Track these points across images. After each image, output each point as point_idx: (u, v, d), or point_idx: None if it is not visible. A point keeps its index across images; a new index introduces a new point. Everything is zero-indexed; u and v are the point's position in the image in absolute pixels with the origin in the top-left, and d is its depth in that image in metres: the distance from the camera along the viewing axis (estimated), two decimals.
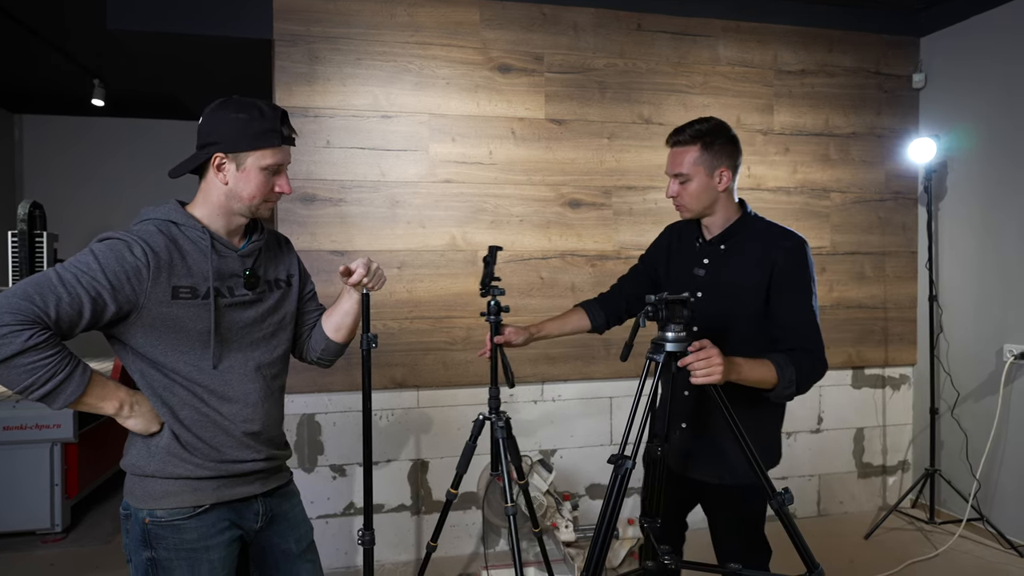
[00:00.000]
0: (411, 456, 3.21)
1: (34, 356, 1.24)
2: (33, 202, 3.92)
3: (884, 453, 3.85)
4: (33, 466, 3.37)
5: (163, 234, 1.38)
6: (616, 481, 1.54)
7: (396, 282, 3.14)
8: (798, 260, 1.75)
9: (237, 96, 1.45)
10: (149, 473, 1.39)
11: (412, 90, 3.15)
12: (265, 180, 1.43)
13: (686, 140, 1.77)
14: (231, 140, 1.39)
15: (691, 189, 1.77)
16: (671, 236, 2.04)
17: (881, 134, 3.78)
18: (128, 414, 1.37)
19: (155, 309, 1.35)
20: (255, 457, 1.48)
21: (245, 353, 1.47)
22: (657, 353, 1.57)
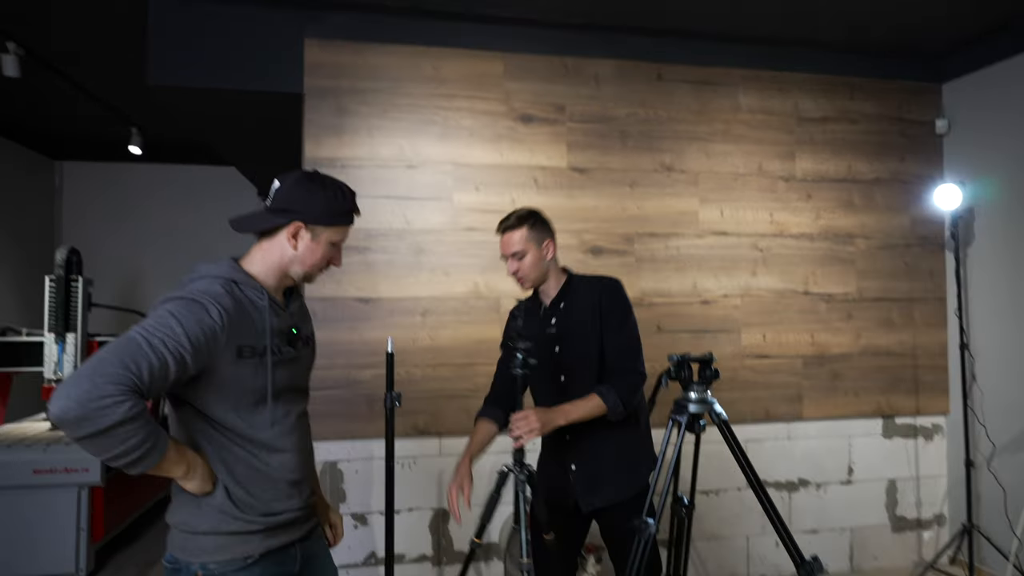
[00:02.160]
0: (432, 505, 3.19)
1: (130, 426, 1.25)
2: (71, 248, 4.04)
3: (919, 506, 3.73)
4: (60, 510, 3.41)
5: (230, 294, 1.43)
6: (640, 545, 1.52)
7: (420, 329, 3.17)
8: (615, 296, 2.10)
9: (317, 173, 1.55)
10: (202, 530, 1.44)
11: (437, 140, 3.22)
12: (328, 252, 1.54)
13: (514, 224, 2.07)
14: (314, 214, 1.48)
15: (527, 262, 2.07)
16: (517, 314, 2.19)
17: (905, 180, 3.76)
18: (191, 476, 1.41)
19: (223, 368, 1.40)
20: (296, 506, 1.55)
21: (288, 406, 1.54)
22: (680, 414, 1.56)
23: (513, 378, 2.12)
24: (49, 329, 3.75)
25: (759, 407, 3.52)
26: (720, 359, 3.42)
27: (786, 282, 3.59)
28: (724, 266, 3.51)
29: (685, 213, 3.48)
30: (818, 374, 3.60)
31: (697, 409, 1.49)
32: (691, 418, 1.49)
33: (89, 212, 5.88)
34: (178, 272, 5.42)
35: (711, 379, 1.51)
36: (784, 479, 3.57)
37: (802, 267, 3.61)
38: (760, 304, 3.55)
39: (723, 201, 3.52)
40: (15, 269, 5.22)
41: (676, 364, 1.48)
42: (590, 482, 2.08)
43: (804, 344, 3.59)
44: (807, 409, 3.58)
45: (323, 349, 3.14)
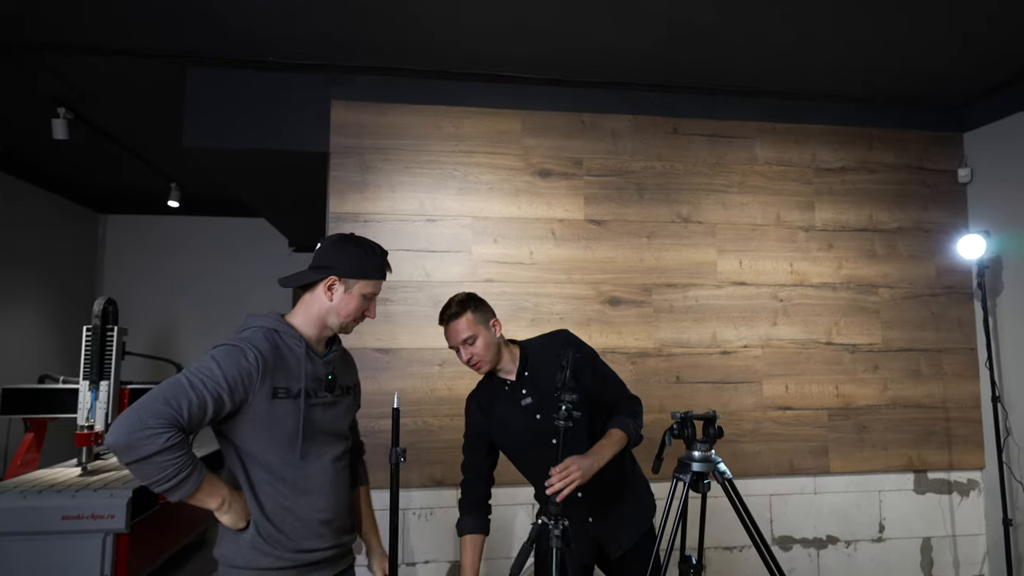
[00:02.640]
0: (449, 557, 3.16)
1: (169, 456, 1.45)
2: (108, 299, 4.20)
3: (956, 567, 3.57)
4: (86, 555, 3.46)
5: (268, 341, 1.61)
6: None
7: (437, 379, 3.20)
8: (578, 343, 2.13)
9: (352, 235, 1.78)
10: (238, 565, 1.60)
11: (456, 195, 3.32)
12: (361, 304, 1.71)
13: (458, 311, 2.06)
14: (347, 268, 1.68)
15: (479, 346, 2.05)
16: (478, 402, 2.21)
17: (929, 229, 3.72)
18: (226, 510, 1.58)
19: (259, 406, 1.57)
20: (325, 545, 1.66)
21: (321, 448, 1.67)
22: (684, 473, 1.56)
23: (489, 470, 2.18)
24: (84, 377, 3.88)
25: (783, 460, 3.44)
26: (741, 410, 3.41)
27: (808, 332, 3.55)
28: (744, 316, 3.50)
29: (703, 264, 3.49)
30: (844, 426, 3.52)
31: (701, 468, 1.48)
32: (695, 477, 1.48)
33: (129, 262, 6.13)
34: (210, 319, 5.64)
35: (715, 437, 1.50)
36: (811, 535, 3.46)
37: (825, 317, 3.57)
38: (782, 355, 3.51)
39: (741, 251, 3.53)
40: (58, 317, 5.44)
41: (679, 422, 1.48)
42: (611, 530, 2.08)
43: (829, 395, 3.53)
44: (834, 462, 3.49)
45: None
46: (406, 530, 3.14)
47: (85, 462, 4.01)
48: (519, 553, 2.07)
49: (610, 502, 2.10)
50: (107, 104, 3.65)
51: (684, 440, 1.53)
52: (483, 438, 2.17)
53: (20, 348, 4.98)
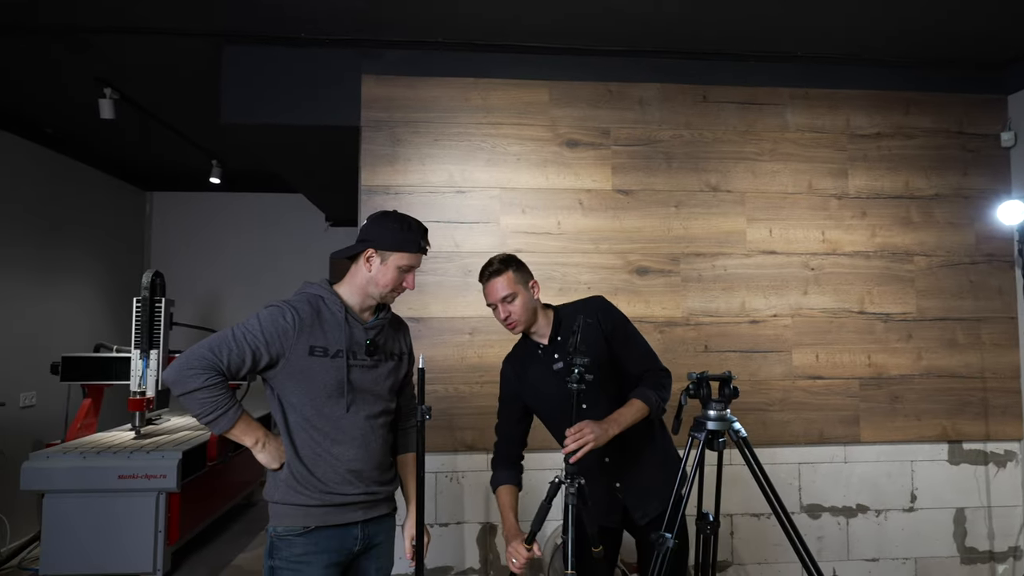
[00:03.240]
0: (480, 519, 3.28)
1: (207, 393, 1.70)
2: (155, 271, 4.40)
3: (991, 537, 3.53)
4: (140, 513, 3.69)
5: (311, 304, 1.80)
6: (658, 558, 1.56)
7: (468, 348, 3.29)
8: (610, 312, 2.15)
9: (394, 211, 1.90)
10: (276, 500, 1.79)
11: (484, 166, 3.36)
12: (398, 275, 1.84)
13: (500, 268, 2.10)
14: (383, 241, 1.81)
15: (518, 305, 2.09)
16: (512, 365, 2.26)
17: (968, 195, 3.63)
18: (261, 449, 1.79)
19: (296, 361, 1.75)
20: (356, 491, 1.81)
21: (358, 405, 1.82)
22: (699, 431, 1.60)
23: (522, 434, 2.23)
24: (135, 346, 4.09)
25: (813, 429, 3.44)
26: (770, 379, 3.42)
27: (840, 301, 3.52)
28: (774, 285, 3.48)
29: (732, 233, 3.48)
30: (876, 396, 3.49)
31: (716, 427, 1.52)
32: (710, 435, 1.52)
33: (175, 237, 6.36)
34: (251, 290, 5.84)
35: (730, 397, 1.54)
36: (841, 504, 3.46)
37: (857, 286, 3.53)
38: (812, 324, 3.49)
39: (772, 220, 3.50)
40: (109, 291, 5.70)
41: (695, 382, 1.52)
42: (639, 496, 2.12)
43: (860, 365, 3.50)
44: (865, 432, 3.47)
45: None
46: (439, 492, 3.25)
47: (138, 426, 4.24)
48: (538, 511, 2.15)
49: (639, 470, 2.12)
50: (150, 84, 3.79)
51: (700, 400, 1.57)
52: (517, 401, 2.22)
53: (76, 319, 5.25)
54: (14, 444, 4.31)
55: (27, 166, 4.71)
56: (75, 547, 3.63)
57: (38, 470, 3.64)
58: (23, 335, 4.59)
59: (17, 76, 3.71)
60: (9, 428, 4.35)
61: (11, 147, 4.53)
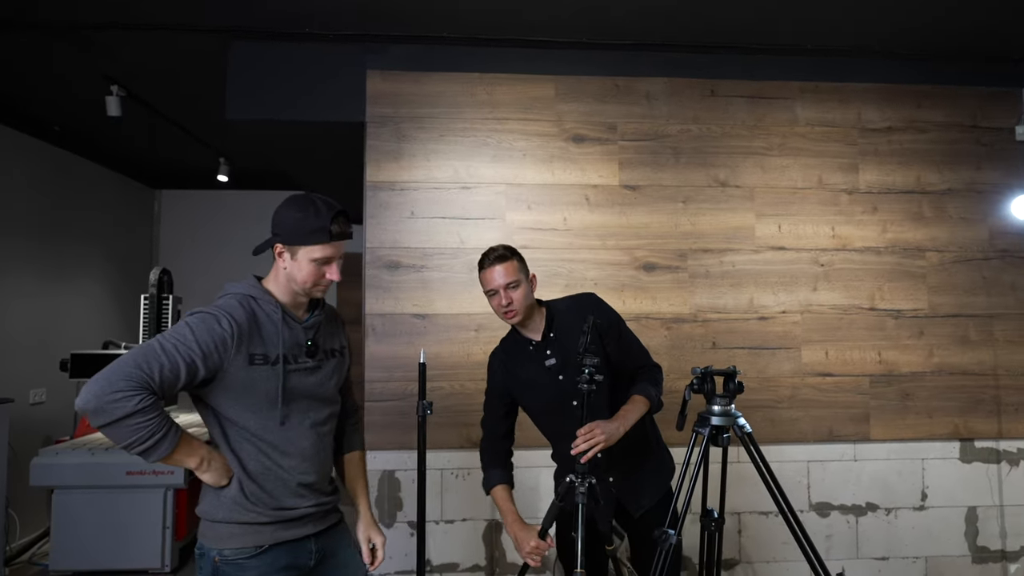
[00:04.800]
0: (486, 516, 3.26)
1: (141, 418, 1.44)
2: (163, 269, 4.42)
3: (1003, 536, 3.48)
4: (148, 509, 3.71)
5: (244, 307, 1.60)
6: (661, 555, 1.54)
7: (473, 344, 3.27)
8: (602, 309, 2.14)
9: (305, 194, 1.66)
10: (219, 519, 1.60)
11: (490, 162, 3.34)
12: (315, 269, 1.62)
13: (504, 255, 2.08)
14: (287, 234, 1.62)
15: (519, 293, 2.06)
16: (501, 360, 2.24)
17: (982, 189, 3.57)
18: (205, 469, 1.58)
19: (235, 373, 1.56)
20: (307, 504, 1.66)
21: (304, 413, 1.66)
22: (703, 426, 1.58)
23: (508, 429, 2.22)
24: (142, 342, 4.11)
25: (822, 426, 3.41)
26: (779, 376, 3.38)
27: (850, 298, 3.48)
28: (783, 282, 3.44)
29: (740, 228, 3.45)
30: (886, 393, 3.45)
31: (720, 422, 1.50)
32: (714, 431, 1.50)
33: (183, 235, 6.39)
34: None
35: (735, 392, 1.52)
36: (850, 502, 3.43)
37: (868, 282, 3.49)
38: (822, 320, 3.45)
39: (781, 216, 3.46)
40: (117, 288, 5.73)
41: (699, 377, 1.50)
42: (632, 490, 2.13)
43: (871, 362, 3.46)
44: (875, 429, 3.43)
45: (381, 363, 3.30)
46: (445, 490, 3.24)
47: None
48: (549, 509, 2.14)
49: (631, 464, 2.14)
50: (156, 81, 3.79)
51: (704, 395, 1.55)
52: (504, 396, 2.22)
53: (85, 316, 5.28)
54: (24, 441, 4.34)
55: (35, 163, 4.73)
56: (84, 543, 3.65)
57: (47, 466, 3.66)
58: (32, 332, 4.62)
59: (22, 73, 3.73)
60: (18, 425, 4.38)
61: (19, 144, 4.55)
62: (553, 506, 2.09)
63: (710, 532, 1.67)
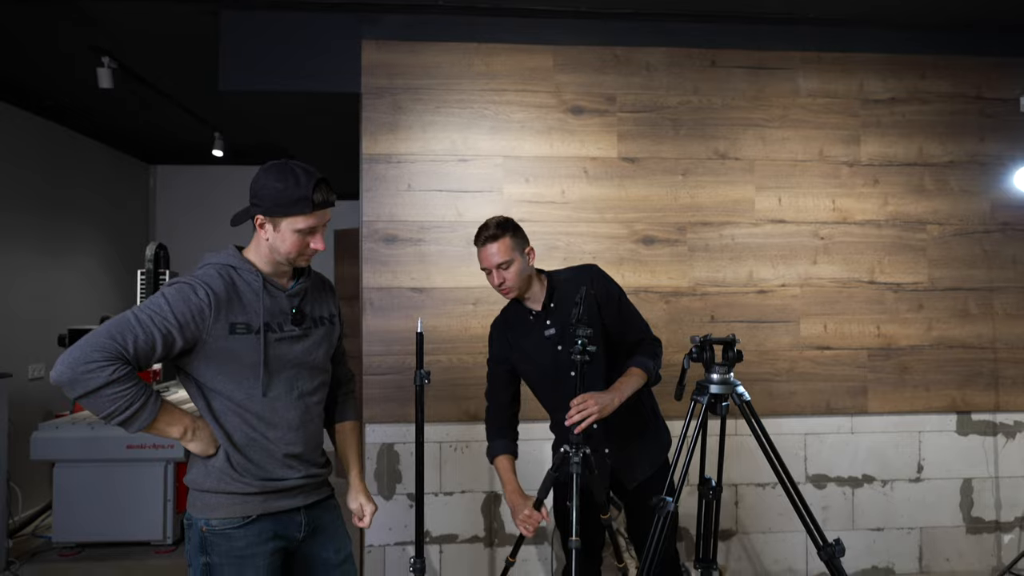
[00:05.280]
0: (485, 488, 3.28)
1: (116, 388, 1.43)
2: (159, 244, 4.39)
3: (998, 508, 3.51)
4: (149, 483, 3.72)
5: (222, 277, 1.57)
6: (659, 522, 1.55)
7: (471, 318, 3.26)
8: (604, 281, 2.14)
9: (284, 162, 1.60)
10: (206, 488, 1.58)
11: (488, 134, 3.30)
12: (299, 240, 1.58)
13: (496, 234, 2.04)
14: (268, 206, 1.56)
15: (512, 271, 2.05)
16: (502, 330, 2.26)
17: (984, 161, 3.54)
18: (191, 438, 1.56)
19: (215, 343, 1.54)
20: (297, 476, 1.64)
21: (290, 382, 1.63)
22: (702, 395, 1.58)
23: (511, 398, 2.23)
24: None
25: (820, 400, 3.42)
26: (777, 350, 3.38)
27: (850, 271, 3.46)
28: (782, 255, 3.43)
29: (740, 201, 3.42)
30: (884, 366, 3.45)
31: (719, 390, 1.50)
32: (712, 399, 1.50)
33: (178, 211, 6.34)
34: None
35: (734, 361, 1.51)
36: (847, 474, 3.45)
37: (868, 255, 3.47)
38: (821, 294, 3.44)
39: (781, 188, 3.43)
40: (113, 263, 5.71)
41: (698, 346, 1.49)
42: (628, 461, 2.14)
43: (869, 335, 3.45)
44: (872, 403, 3.44)
45: (379, 336, 3.30)
46: (444, 462, 3.26)
47: None
48: (544, 480, 2.15)
49: (627, 435, 2.14)
50: (148, 53, 3.73)
51: (703, 363, 1.54)
52: (505, 365, 2.23)
53: (82, 292, 5.26)
54: (23, 415, 4.35)
55: (29, 138, 4.68)
56: (86, 516, 3.68)
57: (48, 440, 3.67)
58: (29, 307, 4.61)
59: (13, 44, 3.67)
60: (17, 399, 4.38)
61: (11, 118, 4.50)
62: (548, 476, 2.10)
63: (708, 500, 1.68)
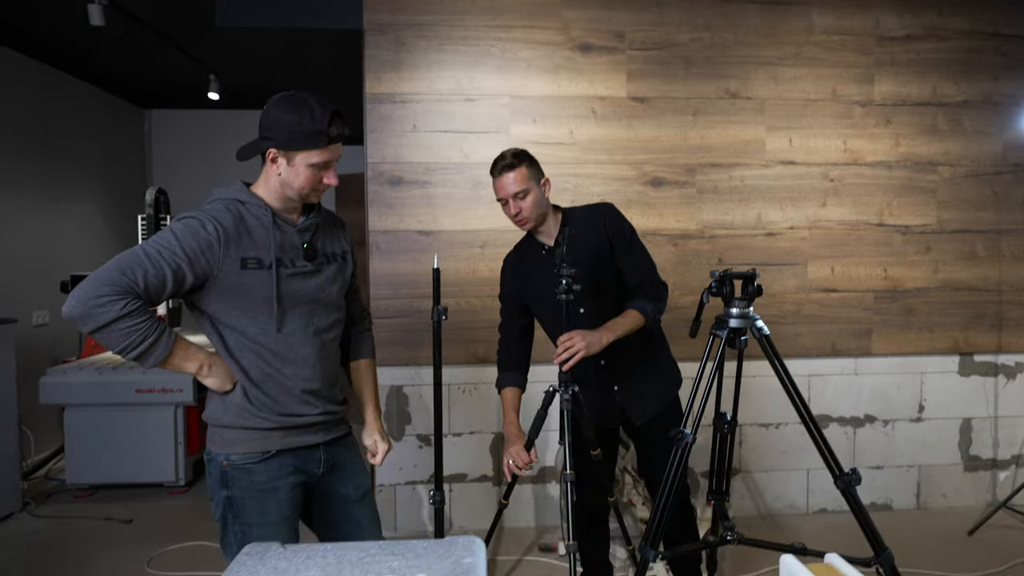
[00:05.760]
0: (493, 429, 3.33)
1: (129, 322, 1.42)
2: (159, 188, 4.34)
3: (995, 446, 3.58)
4: (160, 426, 3.77)
5: (231, 212, 1.54)
6: (677, 453, 1.57)
7: (479, 261, 3.25)
8: (618, 218, 2.15)
9: (295, 93, 1.55)
10: (225, 424, 1.58)
11: (494, 73, 3.22)
12: (313, 175, 1.54)
13: (513, 163, 2.03)
14: (282, 139, 1.51)
15: (529, 201, 2.04)
16: (514, 265, 2.26)
17: (998, 101, 3.48)
18: (207, 373, 1.56)
19: (226, 278, 1.51)
20: (313, 412, 1.64)
21: (305, 319, 1.62)
22: (721, 329, 1.58)
23: (523, 331, 2.24)
24: None
25: (825, 341, 3.44)
26: (784, 292, 3.38)
27: (859, 213, 3.44)
28: (791, 197, 3.40)
29: (751, 142, 3.37)
30: (890, 309, 3.47)
31: (738, 324, 1.50)
32: (732, 333, 1.50)
33: (176, 156, 6.24)
34: None
35: (754, 295, 1.51)
36: (849, 415, 3.50)
37: (877, 197, 3.44)
38: (829, 236, 3.42)
39: (792, 129, 3.38)
40: (111, 210, 5.64)
41: (718, 280, 1.49)
42: (636, 398, 2.16)
43: (876, 278, 3.46)
44: (876, 345, 3.47)
45: (387, 280, 3.29)
46: (453, 404, 3.29)
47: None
48: (535, 419, 2.17)
49: (634, 373, 2.15)
50: None
51: (722, 298, 1.54)
52: (517, 299, 2.24)
53: (82, 238, 5.22)
54: (30, 361, 4.36)
55: (21, 81, 4.56)
56: (98, 458, 3.74)
57: (56, 385, 3.70)
58: (29, 255, 4.57)
59: None
60: (23, 346, 4.39)
61: (3, 60, 4.37)
62: (537, 416, 2.13)
63: (722, 435, 1.70)
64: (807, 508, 3.51)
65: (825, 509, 3.51)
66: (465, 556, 0.82)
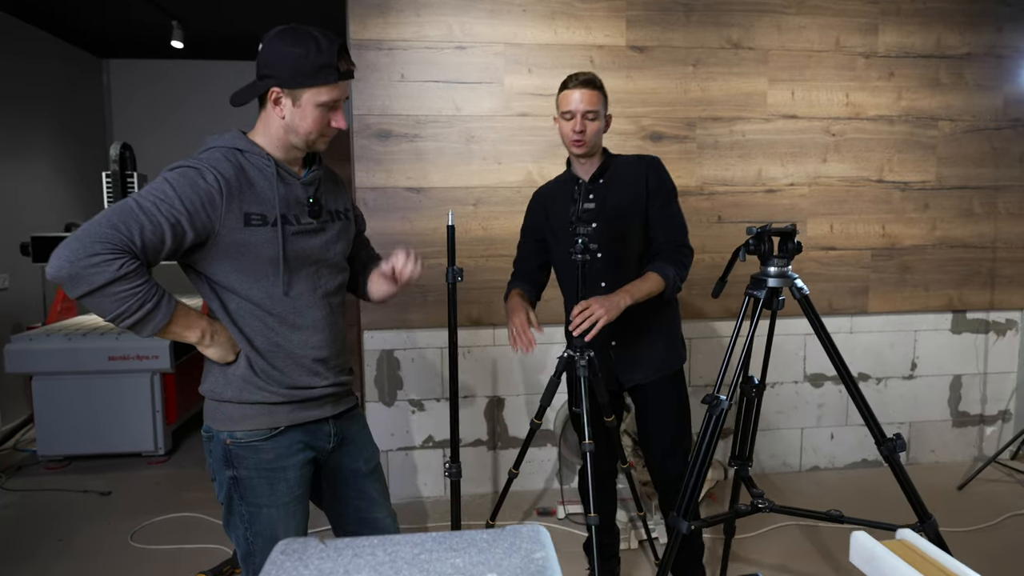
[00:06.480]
0: (488, 393, 3.24)
1: (125, 285, 1.25)
2: (123, 143, 4.07)
3: (983, 402, 3.63)
4: (136, 394, 3.60)
5: (230, 161, 1.37)
6: (711, 420, 1.49)
7: (472, 219, 3.11)
8: (662, 173, 2.09)
9: (296, 25, 1.39)
10: (227, 399, 1.44)
11: (487, 18, 3.03)
12: (321, 116, 1.40)
13: (594, 81, 1.97)
14: (287, 75, 1.36)
15: (595, 127, 1.98)
16: (542, 200, 2.20)
17: (1001, 54, 3.40)
18: (209, 343, 1.40)
19: (229, 236, 1.36)
20: (323, 383, 1.51)
21: (312, 281, 1.48)
22: (759, 289, 1.48)
23: (537, 269, 2.18)
24: None
25: (822, 300, 3.40)
26: None
27: (859, 169, 3.37)
28: (792, 152, 3.31)
29: (752, 95, 3.25)
30: (887, 267, 3.43)
31: (777, 283, 1.40)
32: (770, 293, 1.41)
33: (138, 109, 5.89)
34: None
35: (793, 253, 1.41)
36: None
37: (878, 153, 3.37)
38: (829, 193, 3.35)
39: (794, 81, 3.27)
40: (69, 167, 5.31)
41: (755, 236, 1.39)
42: (629, 359, 2.09)
43: (874, 235, 3.41)
44: (872, 303, 3.45)
45: (376, 239, 3.12)
46: (445, 367, 3.19)
47: None
48: (548, 385, 2.09)
49: (636, 336, 2.07)
50: None
51: (759, 256, 1.44)
52: (537, 235, 2.19)
53: (40, 198, 4.92)
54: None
55: None
56: (71, 429, 3.56)
57: (22, 352, 3.49)
58: None
59: None
60: None
61: None
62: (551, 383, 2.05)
63: (749, 398, 1.64)
64: (800, 466, 3.52)
65: (817, 467, 3.52)
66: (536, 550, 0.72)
